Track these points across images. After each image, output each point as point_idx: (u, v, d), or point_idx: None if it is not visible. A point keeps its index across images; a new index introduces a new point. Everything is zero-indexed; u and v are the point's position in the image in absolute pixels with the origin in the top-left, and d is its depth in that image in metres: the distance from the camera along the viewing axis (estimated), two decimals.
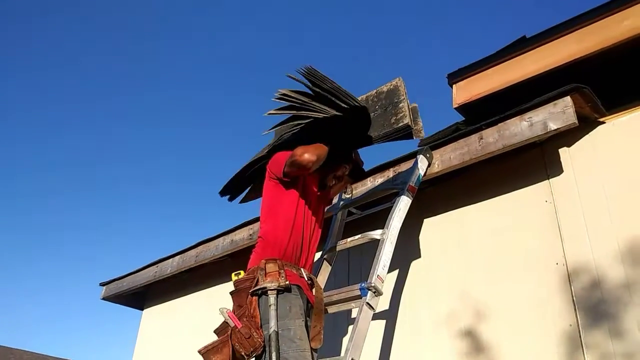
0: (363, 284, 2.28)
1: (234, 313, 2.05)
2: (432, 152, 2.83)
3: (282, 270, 2.10)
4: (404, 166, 2.93)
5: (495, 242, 2.69)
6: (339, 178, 2.55)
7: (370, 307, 2.24)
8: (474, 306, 2.64)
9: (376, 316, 2.91)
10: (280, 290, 2.04)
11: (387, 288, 3.01)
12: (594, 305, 2.25)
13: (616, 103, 2.54)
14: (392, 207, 2.61)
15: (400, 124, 2.42)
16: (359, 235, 2.60)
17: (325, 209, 3.09)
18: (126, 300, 5.25)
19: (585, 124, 2.54)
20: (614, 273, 2.25)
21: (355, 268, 3.25)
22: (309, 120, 2.24)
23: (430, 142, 2.95)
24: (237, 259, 3.92)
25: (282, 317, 2.00)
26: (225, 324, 2.07)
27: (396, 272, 3.02)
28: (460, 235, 2.86)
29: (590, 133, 2.58)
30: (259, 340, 1.96)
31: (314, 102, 2.20)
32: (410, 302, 2.91)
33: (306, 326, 2.09)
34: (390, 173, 3.00)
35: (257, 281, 2.07)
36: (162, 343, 4.71)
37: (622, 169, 2.40)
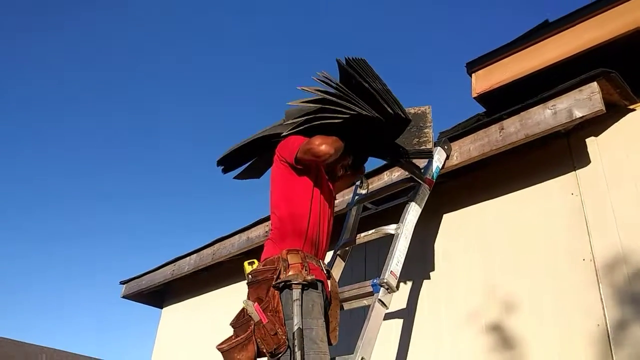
0: (375, 280, 2.19)
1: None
2: (451, 144, 2.72)
3: (306, 263, 1.98)
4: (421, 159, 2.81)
5: (519, 238, 2.56)
6: (344, 167, 2.45)
7: (383, 304, 2.15)
8: (497, 303, 2.51)
9: (393, 315, 2.82)
10: (305, 286, 1.92)
11: (404, 286, 2.90)
12: (623, 304, 2.11)
13: None
14: (407, 201, 2.51)
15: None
16: (373, 230, 2.51)
17: (338, 205, 3.02)
18: (146, 299, 5.26)
19: (613, 112, 2.40)
20: None
21: (372, 265, 3.16)
22: (347, 116, 2.11)
23: (448, 133, 2.83)
24: (254, 256, 3.86)
25: (305, 315, 1.88)
26: (246, 319, 1.93)
27: (414, 269, 2.90)
28: (481, 231, 2.74)
29: (619, 121, 2.43)
30: (283, 337, 1.83)
31: (357, 98, 2.10)
32: (429, 301, 2.80)
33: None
34: None
35: (279, 273, 1.94)
36: (181, 341, 4.70)
37: None
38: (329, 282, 2.13)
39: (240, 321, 1.96)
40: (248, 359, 1.87)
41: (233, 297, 4.10)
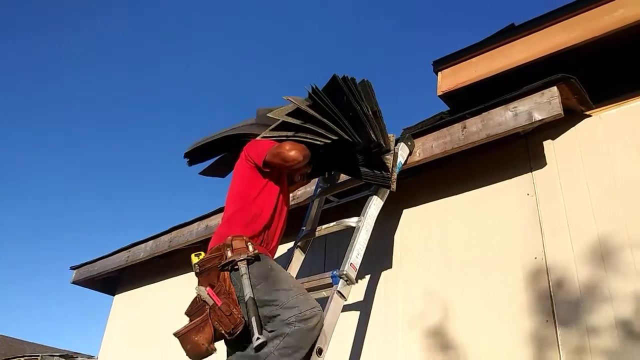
0: (335, 272, 2.19)
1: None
2: (414, 140, 2.74)
3: (250, 243, 2.05)
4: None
5: (475, 235, 2.62)
6: (303, 175, 2.56)
7: (342, 295, 2.16)
8: (452, 300, 2.56)
9: (350, 307, 2.84)
10: (251, 260, 1.99)
11: (363, 279, 2.92)
12: (571, 301, 2.19)
13: (603, 96, 2.48)
14: (369, 195, 2.53)
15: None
16: (334, 223, 2.52)
17: (301, 196, 3.02)
18: (98, 285, 5.11)
19: (571, 116, 2.48)
20: (593, 269, 2.18)
21: (331, 257, 3.17)
22: (328, 141, 2.21)
23: (412, 130, 2.86)
24: None
25: (266, 273, 1.98)
26: (200, 305, 1.99)
27: (373, 263, 2.93)
28: (440, 227, 2.78)
29: (575, 126, 2.52)
30: (239, 316, 1.88)
31: (342, 118, 2.19)
32: (386, 295, 2.83)
33: None
34: None
35: (225, 256, 2.00)
36: (133, 329, 4.59)
37: (606, 163, 2.34)
38: None
39: (195, 308, 2.01)
40: (206, 340, 1.91)
41: (189, 285, 4.01)
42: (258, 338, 1.83)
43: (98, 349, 4.95)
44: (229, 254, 1.99)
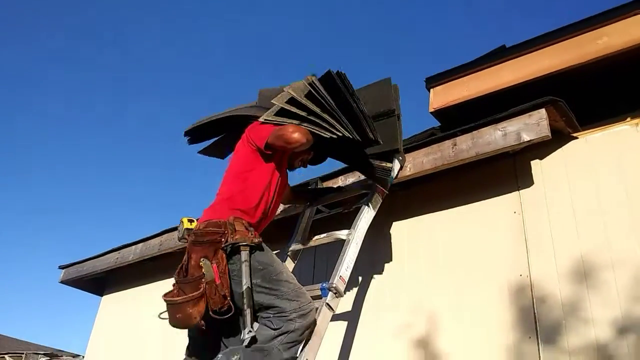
0: (324, 284, 2.23)
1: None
2: (405, 155, 2.80)
3: (251, 229, 2.09)
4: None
5: (462, 250, 2.68)
6: (304, 162, 2.53)
7: (330, 308, 2.19)
8: (435, 314, 2.62)
9: (338, 317, 2.88)
10: (253, 248, 2.02)
11: (352, 290, 2.97)
12: (554, 318, 2.25)
13: (589, 119, 2.55)
14: (360, 207, 2.57)
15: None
16: (325, 235, 2.56)
17: (294, 207, 3.05)
18: (85, 285, 5.10)
19: (558, 138, 2.54)
20: (577, 287, 2.25)
21: (320, 267, 3.21)
22: (334, 136, 2.20)
23: (404, 145, 2.91)
24: None
25: (269, 263, 2.04)
26: (197, 277, 1.98)
27: (362, 274, 2.98)
28: (428, 242, 2.84)
29: (562, 147, 2.59)
30: (228, 299, 1.95)
31: (341, 115, 2.20)
32: (374, 306, 2.88)
33: None
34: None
35: (227, 236, 2.02)
36: (120, 330, 4.60)
37: (591, 185, 2.41)
38: None
39: (189, 279, 2.01)
40: (199, 313, 1.96)
41: None
42: (250, 331, 1.89)
43: (84, 347, 4.96)
44: (236, 235, 2.02)
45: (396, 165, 2.74)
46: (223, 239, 2.02)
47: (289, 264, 2.75)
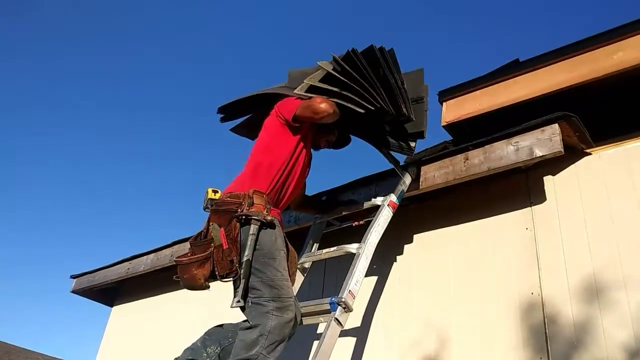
0: (333, 299, 2.21)
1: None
2: (416, 168, 2.79)
3: (269, 206, 2.15)
4: (388, 181, 2.88)
5: (473, 266, 2.65)
6: (329, 142, 2.61)
7: (339, 323, 2.17)
8: (445, 331, 2.58)
9: (347, 333, 2.86)
10: (264, 224, 2.08)
11: (361, 305, 2.94)
12: (565, 338, 2.21)
13: (603, 135, 2.52)
14: (371, 221, 2.56)
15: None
16: (335, 248, 2.55)
17: (302, 219, 3.05)
18: (96, 296, 5.11)
19: (571, 154, 2.52)
20: (588, 306, 2.21)
21: (330, 281, 3.19)
22: (372, 108, 2.29)
23: (415, 158, 2.90)
24: None
25: (268, 245, 2.07)
26: (206, 240, 2.08)
27: (371, 289, 2.95)
28: (439, 257, 2.81)
29: (575, 163, 2.56)
30: (236, 265, 2.01)
31: (380, 89, 2.28)
32: (383, 322, 2.85)
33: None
34: (373, 187, 2.95)
35: (243, 208, 2.08)
36: (130, 341, 4.60)
37: (604, 202, 2.38)
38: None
39: (200, 242, 2.12)
40: (203, 275, 2.04)
41: (189, 301, 4.06)
42: (239, 301, 1.96)
43: (93, 359, 4.96)
44: (252, 208, 2.09)
45: (407, 178, 2.73)
46: (239, 210, 2.08)
47: (299, 277, 2.74)
